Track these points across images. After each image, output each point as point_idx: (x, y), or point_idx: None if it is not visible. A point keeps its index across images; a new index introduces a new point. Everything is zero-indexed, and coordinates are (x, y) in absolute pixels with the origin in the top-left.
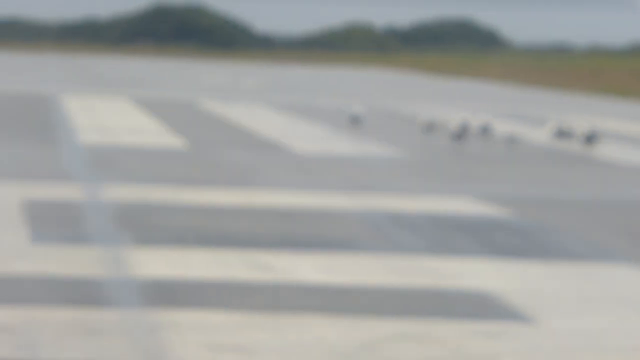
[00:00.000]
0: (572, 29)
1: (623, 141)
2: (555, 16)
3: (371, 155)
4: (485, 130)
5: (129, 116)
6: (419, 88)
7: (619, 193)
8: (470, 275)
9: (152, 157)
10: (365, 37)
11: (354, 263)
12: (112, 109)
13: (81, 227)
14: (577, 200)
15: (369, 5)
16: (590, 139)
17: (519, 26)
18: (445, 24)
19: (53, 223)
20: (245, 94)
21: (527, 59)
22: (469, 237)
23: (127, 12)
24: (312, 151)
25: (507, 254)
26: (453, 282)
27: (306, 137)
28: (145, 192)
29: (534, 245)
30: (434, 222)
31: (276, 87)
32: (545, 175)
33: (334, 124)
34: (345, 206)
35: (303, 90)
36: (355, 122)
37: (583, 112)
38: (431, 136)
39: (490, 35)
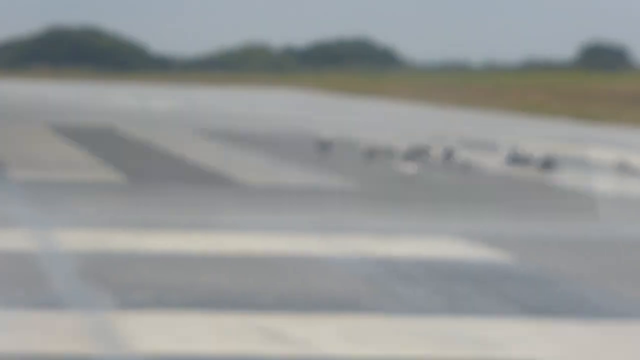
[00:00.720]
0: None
1: (574, 166)
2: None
3: (327, 187)
4: (423, 154)
5: (52, 145)
6: (337, 109)
7: (603, 228)
8: (513, 342)
9: (93, 194)
10: (263, 57)
11: (374, 329)
12: (30, 136)
13: (46, 286)
14: (567, 238)
15: (265, 26)
16: (547, 164)
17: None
18: (343, 43)
19: (11, 282)
20: (162, 118)
21: (427, 77)
22: (481, 291)
23: (21, 35)
24: (264, 183)
25: (536, 312)
26: (501, 353)
27: (251, 167)
28: (102, 238)
29: (559, 300)
30: (431, 271)
31: (190, 111)
32: (516, 207)
33: (271, 151)
34: (328, 253)
35: (220, 114)
36: (324, 148)
37: (518, 133)
38: (375, 163)
39: (388, 53)
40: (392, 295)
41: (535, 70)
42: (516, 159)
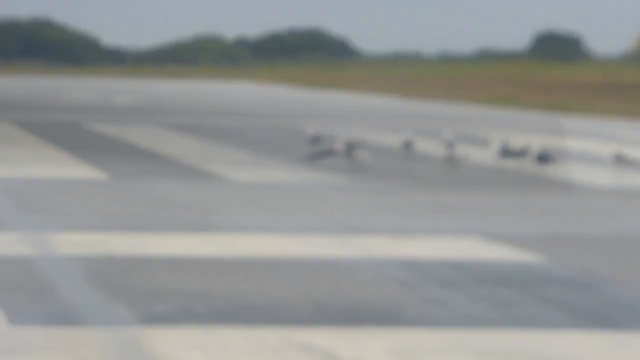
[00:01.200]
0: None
1: (570, 159)
2: (404, 24)
3: (318, 183)
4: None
5: (23, 142)
6: (301, 103)
7: (622, 224)
8: (589, 359)
9: (78, 193)
10: (216, 49)
11: (428, 345)
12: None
13: (58, 296)
14: (589, 236)
15: (218, 17)
16: (543, 158)
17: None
18: (296, 34)
19: (21, 292)
20: (126, 113)
21: (381, 68)
22: (527, 296)
23: None
24: (253, 180)
25: (596, 321)
26: None
27: (234, 164)
28: (102, 242)
29: (613, 306)
30: (466, 274)
31: (153, 105)
32: (526, 203)
33: (250, 147)
34: (350, 255)
35: (185, 108)
36: (314, 142)
37: (495, 125)
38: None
39: (341, 44)
40: (435, 303)
41: (489, 61)
42: (508, 153)
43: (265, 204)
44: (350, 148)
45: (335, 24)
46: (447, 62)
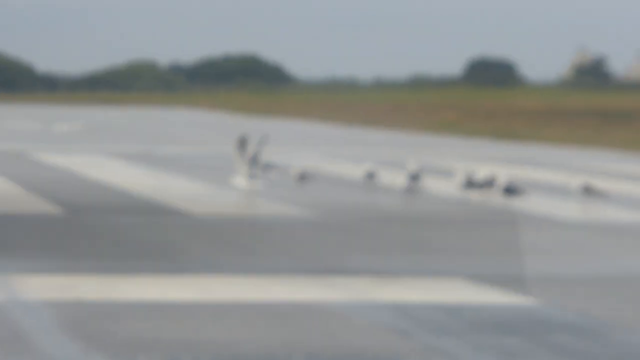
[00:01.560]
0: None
1: (537, 191)
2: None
3: (282, 218)
4: (371, 176)
5: None
6: (246, 130)
7: (604, 262)
8: None
9: (33, 229)
10: (150, 75)
11: None
12: None
13: (33, 347)
14: (578, 275)
15: (152, 43)
16: (510, 191)
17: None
18: (231, 60)
19: None
20: (70, 141)
21: (317, 94)
22: (532, 344)
23: None
24: (213, 215)
25: None
26: None
27: (194, 196)
28: (71, 285)
29: (627, 355)
30: (461, 320)
31: (95, 133)
32: (503, 240)
33: (202, 176)
34: (337, 299)
35: (129, 136)
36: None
37: (453, 154)
38: (313, 187)
39: (276, 70)
40: (437, 353)
41: (424, 86)
42: (472, 184)
43: (233, 242)
44: (303, 177)
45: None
46: (382, 87)
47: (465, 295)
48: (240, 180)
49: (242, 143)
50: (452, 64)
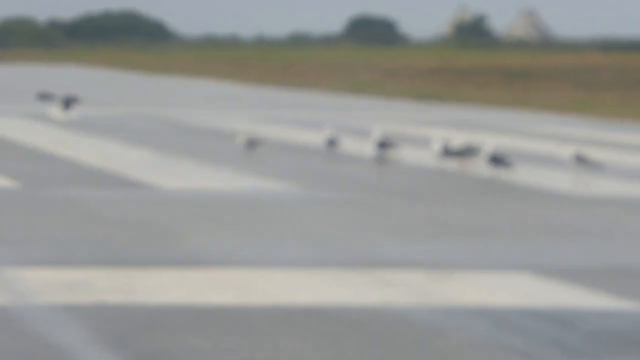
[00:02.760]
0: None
1: (529, 161)
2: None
3: (275, 193)
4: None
5: None
6: (145, 88)
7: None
8: None
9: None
10: (28, 31)
11: None
12: None
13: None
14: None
15: None
16: (497, 160)
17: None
18: (111, 16)
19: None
20: None
21: (199, 51)
22: None
23: None
24: (193, 189)
25: None
26: None
27: (151, 167)
28: (82, 282)
29: None
30: (575, 332)
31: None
32: (535, 220)
33: (146, 143)
34: (403, 303)
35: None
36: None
37: (396, 117)
38: (270, 155)
39: (157, 26)
40: None
41: (304, 44)
42: (450, 152)
43: (234, 224)
44: (252, 144)
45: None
46: (263, 45)
47: (549, 296)
48: None
49: None
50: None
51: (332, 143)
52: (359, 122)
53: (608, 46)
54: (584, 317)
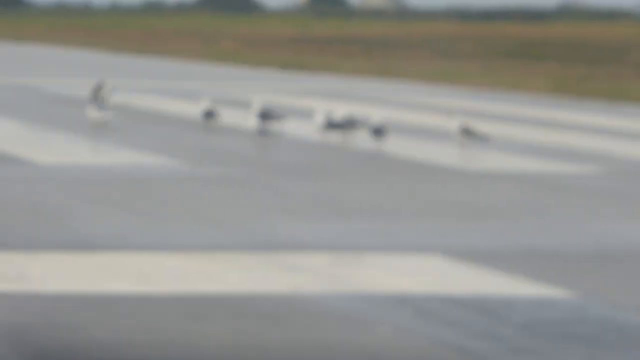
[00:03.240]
0: None
1: (410, 133)
2: None
3: (158, 168)
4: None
5: None
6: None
7: (575, 225)
8: None
9: None
10: None
11: None
12: None
13: None
14: (561, 248)
15: None
16: (379, 132)
17: None
18: None
19: None
20: None
21: (54, 19)
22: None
23: None
24: (71, 164)
25: None
26: None
27: (24, 141)
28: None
29: None
30: (500, 320)
31: None
32: (432, 196)
33: (13, 114)
34: (314, 291)
35: None
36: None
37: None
38: (146, 126)
39: None
40: None
41: (159, 12)
42: (333, 125)
43: (122, 204)
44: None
45: None
46: (117, 13)
47: (469, 281)
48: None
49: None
50: None
51: (209, 115)
52: (231, 91)
53: (464, 16)
54: (511, 305)
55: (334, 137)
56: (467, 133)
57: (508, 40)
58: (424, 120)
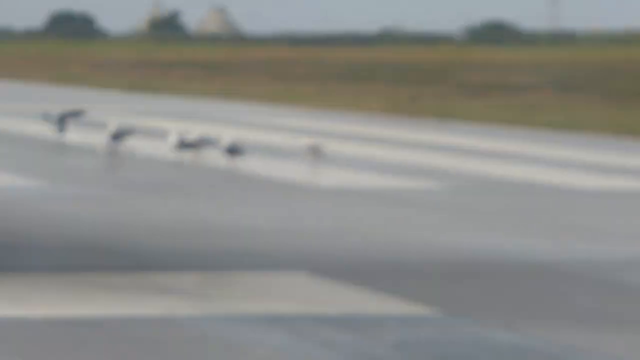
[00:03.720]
0: None
1: (262, 152)
2: None
3: (17, 189)
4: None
5: None
6: None
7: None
8: None
9: None
10: None
11: None
12: None
13: None
14: (408, 262)
15: None
16: (233, 151)
17: None
18: None
19: None
20: None
21: None
22: None
23: None
24: None
25: None
26: None
27: None
28: None
29: None
30: (364, 339)
31: None
32: (291, 213)
33: None
34: (183, 314)
35: None
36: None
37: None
38: None
39: None
40: None
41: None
42: (185, 145)
43: None
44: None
45: None
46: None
47: (337, 299)
48: None
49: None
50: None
51: (61, 130)
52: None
53: (293, 41)
54: (381, 324)
55: (187, 156)
56: (314, 151)
57: (337, 64)
58: (271, 139)
